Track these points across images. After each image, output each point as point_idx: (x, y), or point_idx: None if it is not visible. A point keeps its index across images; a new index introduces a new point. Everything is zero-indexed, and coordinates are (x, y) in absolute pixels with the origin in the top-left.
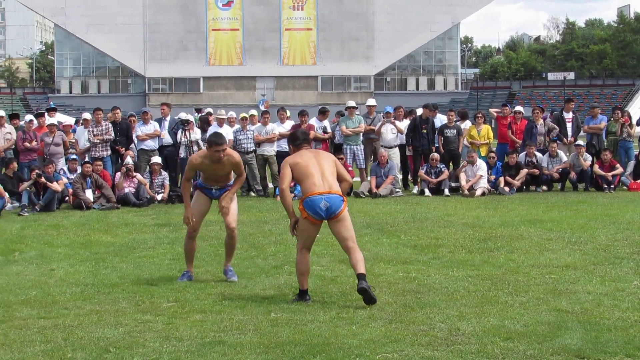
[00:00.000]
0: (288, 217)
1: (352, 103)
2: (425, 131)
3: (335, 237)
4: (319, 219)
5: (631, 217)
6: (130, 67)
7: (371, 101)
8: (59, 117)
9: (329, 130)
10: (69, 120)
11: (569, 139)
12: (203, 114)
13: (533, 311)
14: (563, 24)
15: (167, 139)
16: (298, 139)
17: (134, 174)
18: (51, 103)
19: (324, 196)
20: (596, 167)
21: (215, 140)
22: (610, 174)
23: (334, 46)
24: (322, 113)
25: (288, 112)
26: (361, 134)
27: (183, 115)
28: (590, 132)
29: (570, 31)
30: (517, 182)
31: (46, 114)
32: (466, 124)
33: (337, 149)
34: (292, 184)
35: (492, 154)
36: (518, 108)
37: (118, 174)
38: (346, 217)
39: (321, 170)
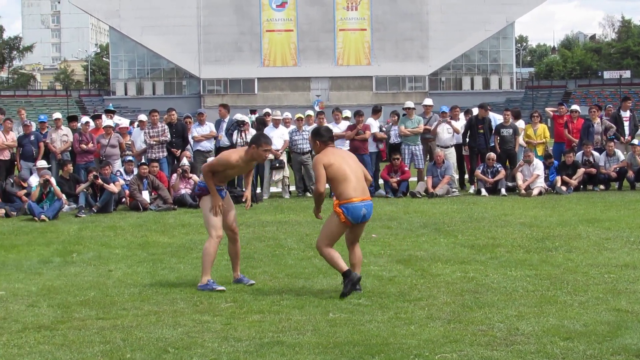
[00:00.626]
0: (316, 207)
1: (410, 104)
2: (481, 131)
3: (350, 235)
4: (355, 223)
5: None
6: (184, 69)
7: (428, 101)
8: (116, 119)
9: (376, 129)
10: (125, 122)
11: (626, 137)
12: (260, 115)
13: (592, 311)
14: (619, 22)
15: (224, 141)
16: (323, 135)
17: (190, 175)
18: (110, 105)
19: (364, 203)
20: None
21: (267, 140)
22: None
23: (388, 46)
24: (376, 112)
25: (345, 112)
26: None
27: (239, 117)
28: None
29: (625, 29)
30: (574, 182)
31: (103, 115)
32: (520, 123)
33: (393, 149)
34: None
35: (551, 160)
36: (574, 107)
37: (174, 176)
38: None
39: (356, 174)
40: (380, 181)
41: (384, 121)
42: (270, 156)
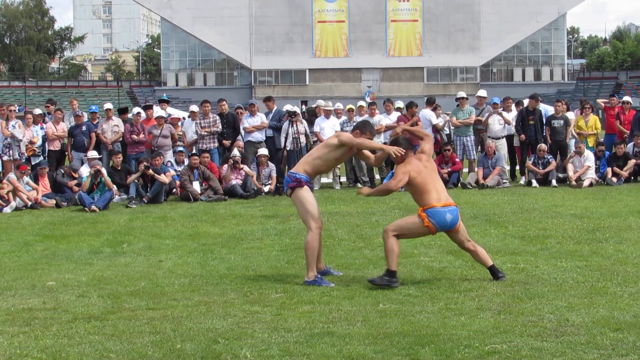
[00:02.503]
0: (373, 192)
1: (462, 94)
2: (532, 122)
3: (455, 241)
4: (441, 229)
5: None
6: (236, 60)
7: (482, 92)
8: (169, 110)
9: (435, 121)
10: (177, 113)
11: None
12: (312, 106)
13: None
14: None
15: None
16: (401, 144)
17: (241, 165)
18: (164, 95)
19: (448, 209)
20: None
21: (372, 130)
22: None
23: (439, 37)
24: (430, 103)
25: (397, 103)
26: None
27: (289, 107)
28: None
29: None
30: (624, 173)
31: (155, 106)
32: (569, 115)
33: (444, 141)
34: None
35: (602, 147)
36: (626, 98)
37: (225, 166)
38: (461, 225)
39: (437, 184)
40: None
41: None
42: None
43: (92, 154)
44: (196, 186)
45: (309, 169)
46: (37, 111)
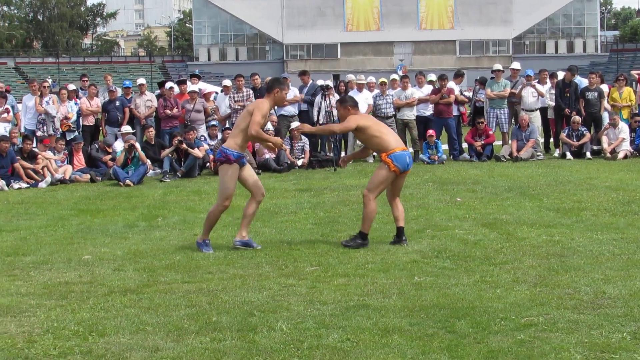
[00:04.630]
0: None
1: (499, 66)
2: (567, 94)
3: (393, 188)
4: (401, 172)
5: None
6: (268, 34)
7: (515, 65)
8: (200, 85)
9: (456, 92)
10: (210, 87)
11: None
12: (344, 80)
13: None
14: None
15: (304, 106)
16: (346, 101)
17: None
18: (196, 70)
19: (407, 152)
20: None
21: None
22: None
23: (471, 10)
24: (458, 76)
25: (430, 76)
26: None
27: (321, 82)
28: None
29: None
30: None
31: (188, 81)
32: (603, 87)
33: (477, 113)
34: None
35: (638, 118)
36: None
37: None
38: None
39: (389, 132)
40: (465, 145)
41: (467, 87)
42: None
43: (126, 128)
44: None
45: (240, 142)
46: (72, 87)
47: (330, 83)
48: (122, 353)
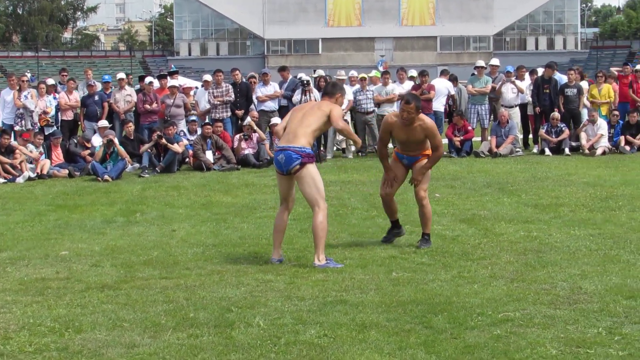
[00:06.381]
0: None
1: (481, 62)
2: (547, 91)
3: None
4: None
5: None
6: (249, 29)
7: (494, 61)
8: (181, 80)
9: (452, 92)
10: (190, 82)
11: None
12: (315, 75)
13: None
14: None
15: (283, 101)
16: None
17: (255, 128)
18: (172, 66)
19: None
20: None
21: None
22: None
23: (453, 6)
24: (445, 74)
25: (410, 72)
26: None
27: (303, 76)
28: None
29: None
30: (638, 141)
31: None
32: (582, 84)
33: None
34: None
35: (616, 112)
36: (639, 67)
37: (237, 136)
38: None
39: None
40: (445, 141)
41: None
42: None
43: (103, 123)
44: (209, 155)
45: (312, 140)
46: (50, 81)
47: (310, 78)
48: (98, 349)
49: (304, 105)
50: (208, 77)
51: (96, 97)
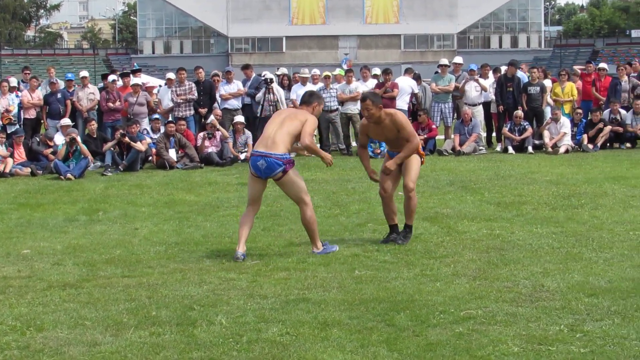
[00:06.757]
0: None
1: (445, 61)
2: (510, 89)
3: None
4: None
5: None
6: (213, 27)
7: (458, 59)
8: (144, 79)
9: (416, 90)
10: (153, 80)
11: None
12: (279, 73)
13: (617, 267)
14: None
15: (247, 99)
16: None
17: (218, 127)
18: (135, 64)
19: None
20: None
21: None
22: None
23: (416, 4)
24: (409, 72)
25: (374, 70)
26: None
27: (268, 74)
28: None
29: None
30: (600, 139)
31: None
32: (546, 82)
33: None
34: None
35: (579, 111)
36: (602, 65)
37: (201, 135)
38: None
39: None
40: None
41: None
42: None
43: (65, 121)
44: (172, 154)
45: (290, 147)
46: (13, 81)
47: (274, 76)
48: (60, 348)
49: (282, 110)
50: (171, 75)
51: (59, 95)
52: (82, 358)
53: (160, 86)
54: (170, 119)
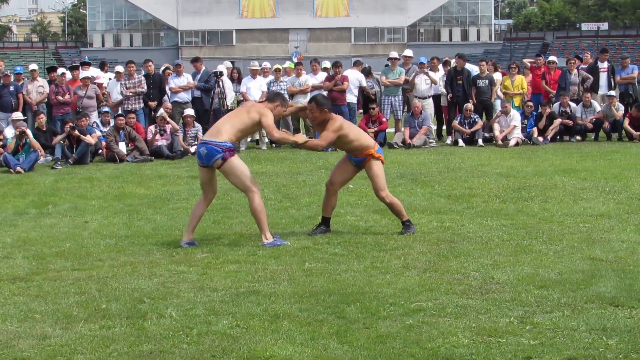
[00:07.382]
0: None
1: (394, 54)
2: (460, 82)
3: (346, 179)
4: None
5: None
6: (163, 21)
7: (408, 52)
8: (93, 72)
9: (364, 84)
10: (103, 75)
11: (604, 89)
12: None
13: (567, 260)
14: None
15: (196, 92)
16: (323, 104)
17: (168, 120)
18: (85, 57)
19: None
20: (626, 123)
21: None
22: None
23: None
24: (357, 65)
25: (324, 63)
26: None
27: (221, 67)
28: (623, 83)
29: None
30: (550, 132)
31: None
32: (495, 75)
33: (369, 100)
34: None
35: (530, 103)
36: (552, 58)
37: (151, 128)
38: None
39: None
40: None
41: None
42: None
43: (17, 115)
44: (122, 147)
45: (234, 139)
46: None
47: (225, 69)
48: (9, 341)
49: (244, 104)
50: (120, 68)
51: (11, 88)
52: (31, 351)
53: (109, 79)
54: (119, 112)
